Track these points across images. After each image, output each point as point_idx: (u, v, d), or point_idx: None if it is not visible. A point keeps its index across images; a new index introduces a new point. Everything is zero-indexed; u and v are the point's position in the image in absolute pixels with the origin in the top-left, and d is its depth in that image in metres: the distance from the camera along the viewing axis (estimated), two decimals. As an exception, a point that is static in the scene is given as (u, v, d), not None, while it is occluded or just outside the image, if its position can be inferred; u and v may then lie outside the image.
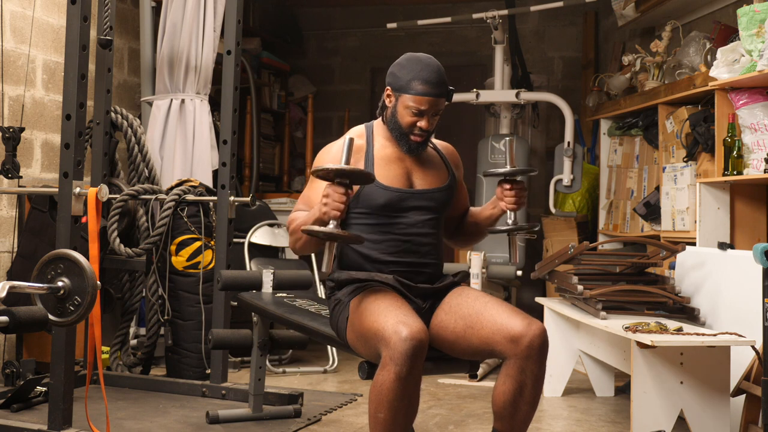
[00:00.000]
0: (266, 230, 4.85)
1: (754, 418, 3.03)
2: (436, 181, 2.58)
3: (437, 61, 2.52)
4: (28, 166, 4.22)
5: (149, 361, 4.13)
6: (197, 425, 3.32)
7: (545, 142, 6.33)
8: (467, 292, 2.49)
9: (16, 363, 3.76)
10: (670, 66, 4.51)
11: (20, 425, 3.05)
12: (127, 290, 4.24)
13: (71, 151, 2.95)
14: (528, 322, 2.30)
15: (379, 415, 2.22)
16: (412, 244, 2.51)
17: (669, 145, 4.26)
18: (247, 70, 5.68)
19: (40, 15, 4.30)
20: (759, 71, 3.26)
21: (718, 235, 3.64)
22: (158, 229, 3.98)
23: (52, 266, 2.30)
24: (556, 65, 6.85)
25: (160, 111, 4.59)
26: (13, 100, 4.11)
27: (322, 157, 2.57)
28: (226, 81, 3.82)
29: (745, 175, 3.46)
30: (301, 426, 3.34)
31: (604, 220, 5.32)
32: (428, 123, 2.49)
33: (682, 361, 2.97)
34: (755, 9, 3.37)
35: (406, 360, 2.17)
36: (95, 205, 3.03)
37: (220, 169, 3.83)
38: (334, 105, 7.16)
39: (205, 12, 4.57)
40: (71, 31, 2.95)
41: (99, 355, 3.07)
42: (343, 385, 4.21)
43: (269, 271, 3.35)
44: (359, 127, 2.65)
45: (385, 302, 2.33)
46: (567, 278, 3.62)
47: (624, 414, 3.65)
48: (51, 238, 3.65)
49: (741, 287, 3.21)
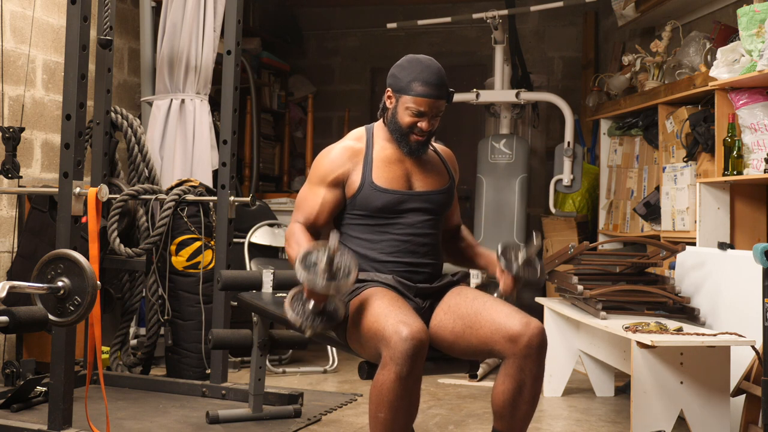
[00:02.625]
0: (266, 230, 4.85)
1: (754, 418, 3.03)
2: (436, 183, 2.58)
3: (438, 62, 2.53)
4: (28, 166, 4.22)
5: (149, 361, 4.13)
6: (197, 425, 3.32)
7: (545, 142, 6.33)
8: (466, 292, 2.49)
9: (16, 363, 3.76)
10: (670, 66, 4.51)
11: (20, 425, 3.05)
12: (127, 290, 4.24)
13: (71, 151, 2.95)
14: (526, 322, 2.30)
15: (380, 415, 2.23)
16: (411, 244, 2.52)
17: (669, 145, 4.26)
18: (247, 70, 5.68)
19: (40, 15, 4.30)
20: (759, 71, 3.26)
21: (718, 235, 3.64)
22: (158, 229, 3.98)
23: (52, 266, 2.29)
24: (556, 65, 6.85)
25: (160, 111, 4.60)
26: (13, 100, 4.11)
27: (321, 161, 2.57)
28: (226, 81, 3.82)
29: (745, 175, 3.46)
30: (301, 426, 3.34)
31: (604, 220, 5.32)
32: (428, 124, 2.50)
33: (682, 361, 2.97)
34: (755, 9, 3.37)
35: (406, 360, 2.17)
36: (95, 205, 3.03)
37: (220, 169, 3.83)
38: (334, 105, 7.16)
39: (205, 12, 4.57)
40: (71, 31, 2.95)
41: (99, 355, 3.07)
42: (343, 385, 4.21)
43: (269, 271, 3.35)
44: (359, 129, 2.65)
45: (385, 302, 2.33)
46: (567, 278, 3.62)
47: (624, 414, 3.65)
48: (51, 238, 3.65)
49: (741, 287, 3.21)
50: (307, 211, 2.54)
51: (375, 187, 2.49)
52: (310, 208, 2.53)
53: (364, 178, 2.51)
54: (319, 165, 2.56)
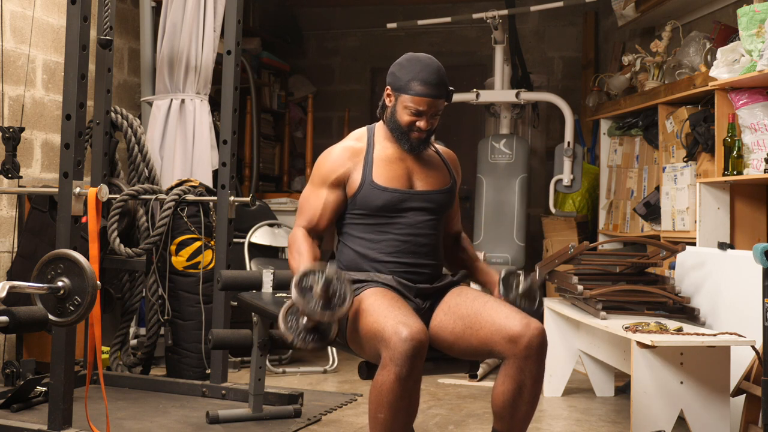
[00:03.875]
0: (266, 230, 4.85)
1: (754, 418, 3.03)
2: (437, 182, 2.58)
3: (438, 61, 2.52)
4: (28, 166, 4.22)
5: (149, 361, 4.13)
6: (197, 425, 3.32)
7: (545, 142, 6.33)
8: (466, 292, 2.49)
9: (16, 363, 3.76)
10: (670, 66, 4.51)
11: (20, 425, 3.05)
12: (127, 290, 4.24)
13: (71, 151, 2.95)
14: (526, 322, 2.30)
15: (379, 416, 2.23)
16: (411, 244, 2.52)
17: (669, 145, 4.26)
18: (247, 70, 5.67)
19: (40, 15, 4.30)
20: (759, 71, 3.26)
21: (718, 235, 3.64)
22: (158, 229, 3.98)
23: (52, 266, 2.29)
24: (556, 65, 6.85)
25: (160, 111, 4.60)
26: (13, 100, 4.11)
27: (322, 162, 2.58)
28: (226, 81, 3.82)
29: (745, 175, 3.46)
30: (301, 426, 3.34)
31: (604, 220, 5.32)
32: (427, 123, 2.50)
33: (682, 361, 2.97)
34: (755, 9, 3.37)
35: (406, 360, 2.17)
36: (95, 205, 3.03)
37: (220, 169, 3.83)
38: (334, 105, 7.16)
39: (205, 12, 4.57)
40: (71, 31, 2.95)
41: (99, 355, 3.07)
42: (343, 385, 4.21)
43: (269, 271, 3.35)
44: (361, 129, 2.66)
45: (384, 302, 2.33)
46: (567, 278, 3.62)
47: (624, 414, 3.65)
48: (51, 238, 3.65)
49: (741, 287, 3.21)
50: (309, 214, 2.55)
51: (375, 185, 2.50)
52: (313, 210, 2.54)
53: (365, 177, 2.51)
54: (321, 166, 2.57)
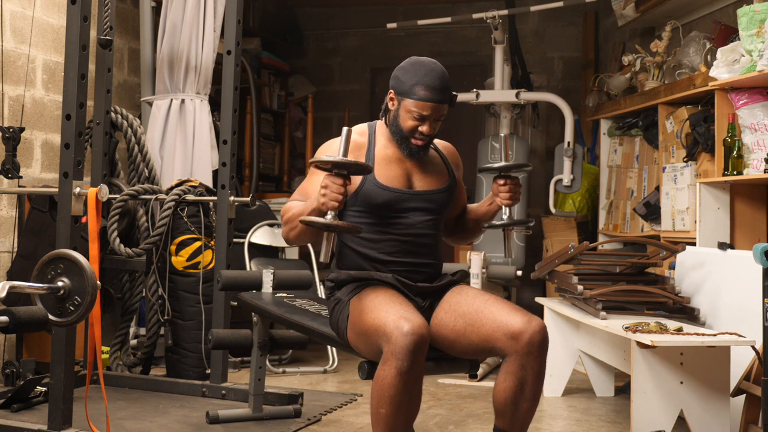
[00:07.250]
0: (266, 230, 4.85)
1: (754, 418, 3.03)
2: (436, 182, 2.58)
3: (442, 66, 2.51)
4: (28, 166, 4.22)
5: (149, 361, 4.13)
6: (197, 425, 3.32)
7: (545, 142, 6.34)
8: (466, 291, 2.50)
9: (16, 363, 3.76)
10: (670, 66, 4.51)
11: (20, 425, 3.05)
12: (127, 290, 4.24)
13: (71, 151, 2.95)
14: (528, 319, 2.30)
15: (381, 411, 2.23)
16: (411, 244, 2.52)
17: (669, 145, 4.26)
18: (247, 70, 5.67)
19: (40, 15, 4.30)
20: (759, 71, 3.26)
21: (718, 235, 3.64)
22: (158, 229, 3.98)
23: (52, 266, 2.29)
24: (556, 65, 6.85)
25: (160, 111, 4.60)
26: (13, 100, 4.11)
27: (323, 151, 2.56)
28: (226, 81, 3.82)
29: (745, 175, 3.46)
30: (301, 426, 3.34)
31: (604, 220, 5.32)
32: (430, 128, 2.49)
33: (682, 361, 2.97)
34: (755, 9, 3.37)
35: (407, 355, 2.17)
36: (95, 205, 3.03)
37: (220, 169, 3.83)
38: (334, 105, 7.16)
39: (205, 12, 4.57)
40: (71, 31, 2.95)
41: (99, 355, 3.07)
42: (343, 385, 4.21)
43: (269, 271, 3.35)
44: (362, 125, 2.65)
45: (385, 299, 2.33)
46: (567, 278, 3.62)
47: (624, 414, 3.65)
48: (51, 238, 3.65)
49: (741, 287, 3.21)
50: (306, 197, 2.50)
51: (377, 183, 2.49)
52: (310, 195, 2.48)
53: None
54: (321, 154, 2.54)
